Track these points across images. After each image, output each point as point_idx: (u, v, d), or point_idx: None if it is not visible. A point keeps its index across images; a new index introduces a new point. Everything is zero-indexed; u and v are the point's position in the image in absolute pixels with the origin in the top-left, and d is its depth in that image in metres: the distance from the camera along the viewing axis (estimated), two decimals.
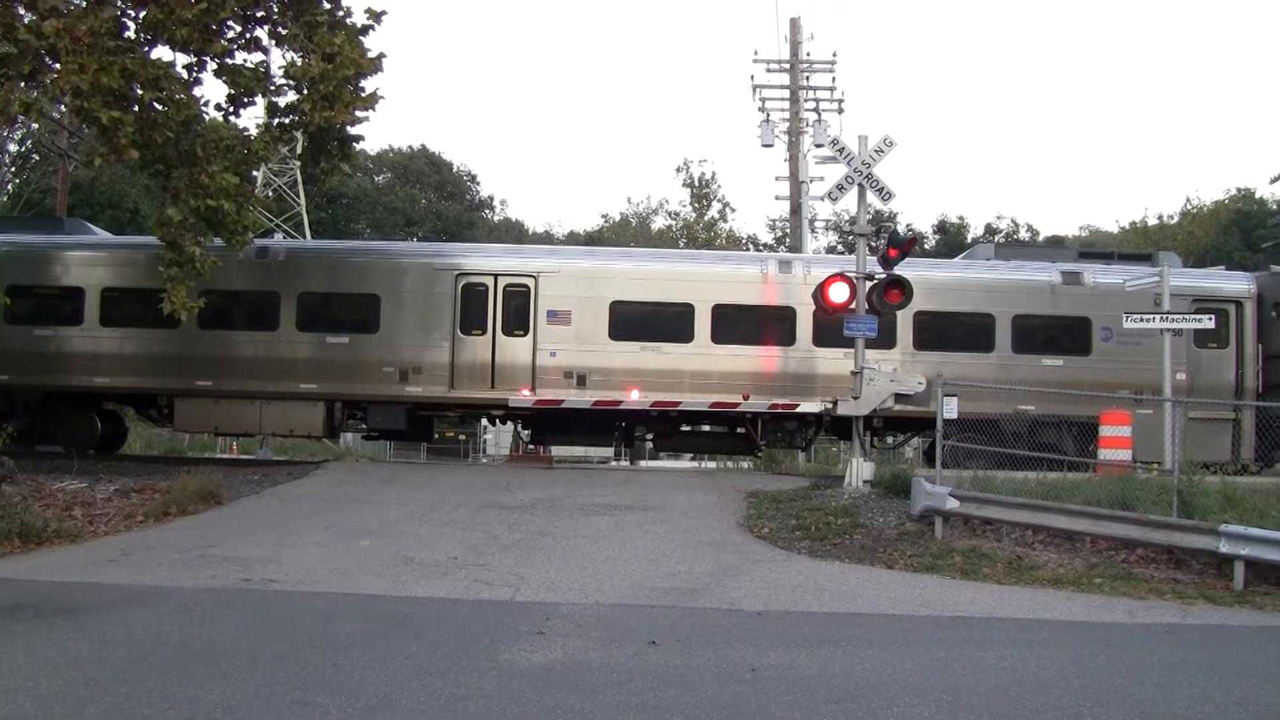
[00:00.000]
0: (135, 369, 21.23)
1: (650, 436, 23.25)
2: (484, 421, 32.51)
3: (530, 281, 21.01)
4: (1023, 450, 16.51)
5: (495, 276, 21.15)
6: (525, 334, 20.88)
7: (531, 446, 29.46)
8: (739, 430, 21.81)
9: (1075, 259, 21.99)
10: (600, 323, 20.80)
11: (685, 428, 22.39)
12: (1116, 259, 22.19)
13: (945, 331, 20.89)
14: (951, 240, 59.86)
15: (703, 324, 20.75)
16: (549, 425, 22.31)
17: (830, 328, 19.03)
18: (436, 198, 72.53)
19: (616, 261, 22.51)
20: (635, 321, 20.91)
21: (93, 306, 21.29)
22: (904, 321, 20.39)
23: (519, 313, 20.99)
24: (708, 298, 20.85)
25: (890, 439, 23.65)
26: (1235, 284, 21.36)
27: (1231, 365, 20.72)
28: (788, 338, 20.76)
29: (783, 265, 21.46)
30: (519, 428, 23.72)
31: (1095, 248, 41.80)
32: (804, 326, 20.54)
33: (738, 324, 20.88)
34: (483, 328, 21.00)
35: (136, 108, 16.32)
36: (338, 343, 21.07)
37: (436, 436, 32.55)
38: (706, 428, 22.73)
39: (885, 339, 19.78)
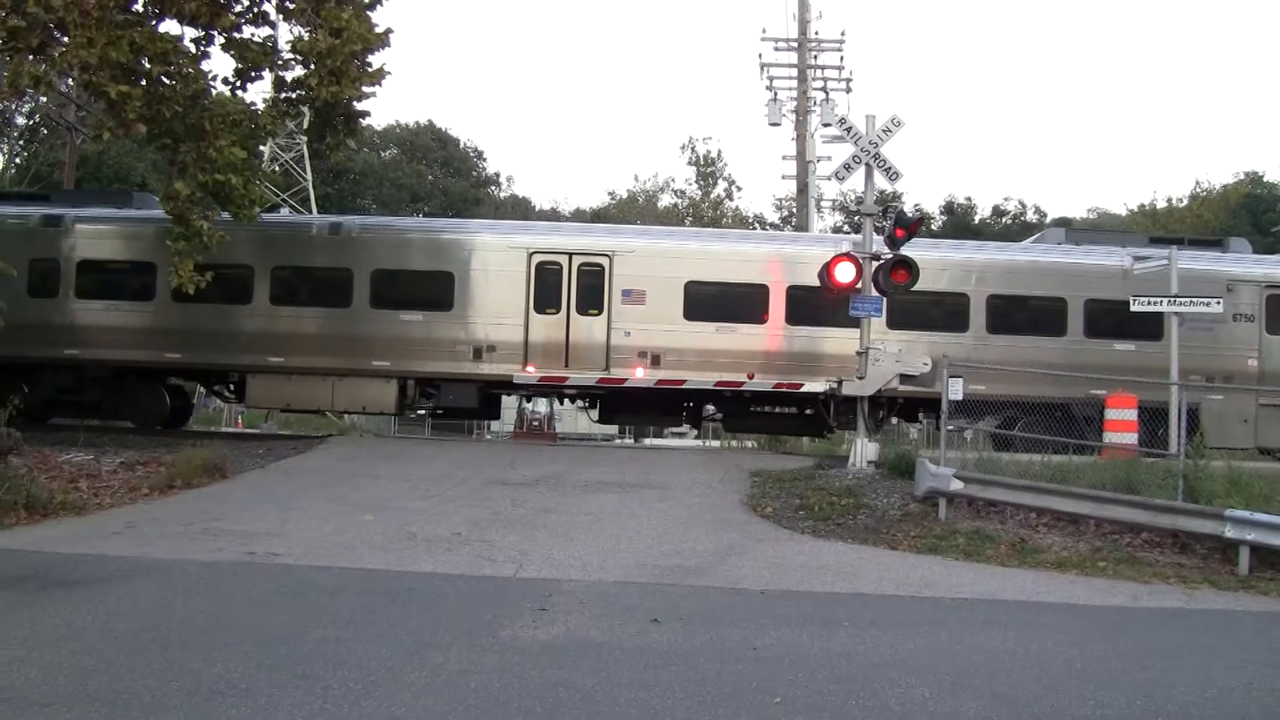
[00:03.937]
0: (207, 345, 21.08)
1: (720, 416, 23.10)
2: None
3: (605, 260, 20.92)
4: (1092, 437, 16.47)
5: (569, 255, 21.05)
6: (600, 313, 20.81)
7: (533, 426, 29.24)
8: (809, 411, 21.52)
9: (1146, 244, 21.60)
10: (675, 302, 20.74)
11: (756, 408, 22.03)
12: (1187, 244, 21.86)
13: (1017, 315, 20.86)
14: (958, 221, 59.56)
15: (777, 305, 20.74)
16: (617, 404, 22.11)
17: (901, 311, 19.46)
18: (443, 174, 72.39)
19: (692, 241, 22.50)
20: (709, 302, 20.85)
21: (164, 282, 20.72)
22: (976, 305, 20.51)
23: (593, 292, 20.89)
24: (782, 279, 20.81)
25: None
26: None
27: None
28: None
29: (855, 247, 21.22)
30: (588, 407, 23.37)
31: (1102, 229, 41.55)
32: None
33: (811, 305, 20.62)
34: (556, 306, 20.89)
35: (144, 81, 16.31)
36: (411, 320, 21.01)
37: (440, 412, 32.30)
38: (777, 408, 22.24)
39: (958, 322, 20.25)
